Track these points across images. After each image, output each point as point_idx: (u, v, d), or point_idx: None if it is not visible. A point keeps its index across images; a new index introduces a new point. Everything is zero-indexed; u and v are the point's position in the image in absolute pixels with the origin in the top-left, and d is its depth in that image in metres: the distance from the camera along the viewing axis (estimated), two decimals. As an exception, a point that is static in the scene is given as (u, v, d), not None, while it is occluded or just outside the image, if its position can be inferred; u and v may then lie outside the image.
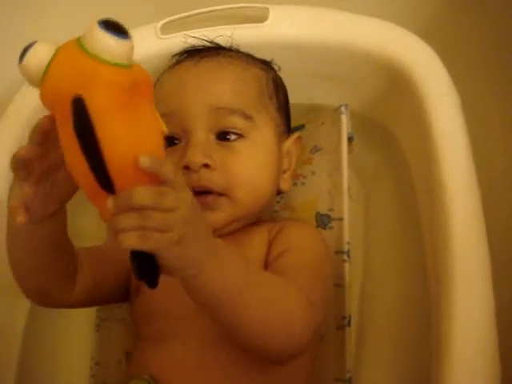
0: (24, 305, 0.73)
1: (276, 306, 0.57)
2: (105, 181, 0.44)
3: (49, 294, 0.67)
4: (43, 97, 0.46)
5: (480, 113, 0.82)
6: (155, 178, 0.46)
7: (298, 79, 0.84)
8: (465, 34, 0.89)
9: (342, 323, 0.72)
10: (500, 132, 0.85)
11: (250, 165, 0.72)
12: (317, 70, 0.86)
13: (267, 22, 0.84)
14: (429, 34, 0.80)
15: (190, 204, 0.48)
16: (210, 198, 0.69)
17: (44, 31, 0.88)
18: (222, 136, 0.72)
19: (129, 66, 0.44)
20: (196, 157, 0.69)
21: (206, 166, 0.69)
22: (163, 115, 0.50)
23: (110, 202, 0.45)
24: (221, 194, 0.70)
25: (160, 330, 0.67)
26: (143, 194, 0.45)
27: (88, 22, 0.42)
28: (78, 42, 0.44)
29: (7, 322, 0.79)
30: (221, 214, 0.70)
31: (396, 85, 0.80)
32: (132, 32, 0.44)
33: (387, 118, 0.88)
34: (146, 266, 0.47)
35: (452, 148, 0.70)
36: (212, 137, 0.71)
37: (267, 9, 0.84)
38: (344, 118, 0.84)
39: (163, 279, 0.49)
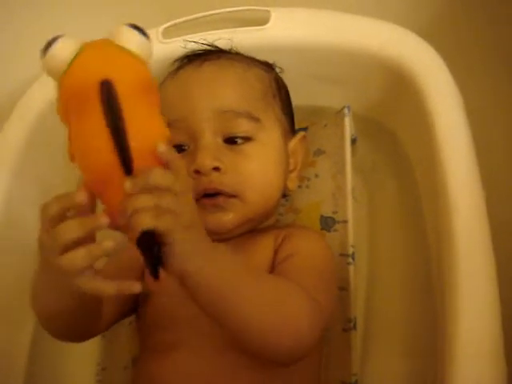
0: (31, 311, 0.73)
1: (278, 304, 0.57)
2: (126, 160, 0.47)
3: (76, 333, 0.67)
4: (65, 83, 0.48)
5: (482, 112, 0.82)
6: (166, 167, 0.50)
7: (299, 81, 0.84)
8: (466, 33, 0.89)
9: (348, 326, 0.72)
10: (503, 131, 0.85)
11: (259, 166, 0.71)
12: (319, 72, 0.86)
13: (269, 25, 0.84)
14: (430, 35, 0.80)
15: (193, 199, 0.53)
16: (221, 198, 0.69)
17: (44, 35, 0.88)
18: (230, 140, 0.71)
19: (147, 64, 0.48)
20: (206, 160, 0.68)
21: (216, 169, 0.69)
22: (169, 123, 0.52)
23: (128, 182, 0.48)
24: (232, 196, 0.70)
25: (167, 340, 0.66)
26: (160, 174, 0.49)
27: (87, 24, 0.43)
28: (107, 40, 0.48)
29: (15, 328, 0.80)
30: (232, 215, 0.70)
31: (398, 85, 0.80)
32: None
33: (390, 119, 0.88)
34: (152, 252, 0.49)
35: (455, 148, 0.70)
36: (220, 140, 0.71)
37: (268, 12, 0.84)
38: (347, 120, 0.84)
39: (170, 287, 0.50)
